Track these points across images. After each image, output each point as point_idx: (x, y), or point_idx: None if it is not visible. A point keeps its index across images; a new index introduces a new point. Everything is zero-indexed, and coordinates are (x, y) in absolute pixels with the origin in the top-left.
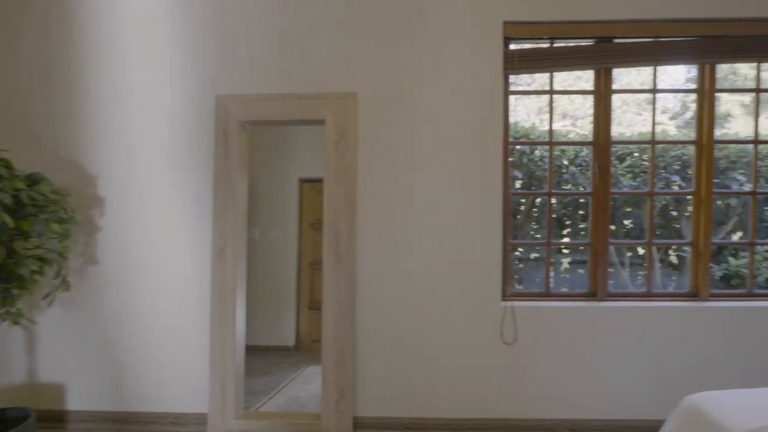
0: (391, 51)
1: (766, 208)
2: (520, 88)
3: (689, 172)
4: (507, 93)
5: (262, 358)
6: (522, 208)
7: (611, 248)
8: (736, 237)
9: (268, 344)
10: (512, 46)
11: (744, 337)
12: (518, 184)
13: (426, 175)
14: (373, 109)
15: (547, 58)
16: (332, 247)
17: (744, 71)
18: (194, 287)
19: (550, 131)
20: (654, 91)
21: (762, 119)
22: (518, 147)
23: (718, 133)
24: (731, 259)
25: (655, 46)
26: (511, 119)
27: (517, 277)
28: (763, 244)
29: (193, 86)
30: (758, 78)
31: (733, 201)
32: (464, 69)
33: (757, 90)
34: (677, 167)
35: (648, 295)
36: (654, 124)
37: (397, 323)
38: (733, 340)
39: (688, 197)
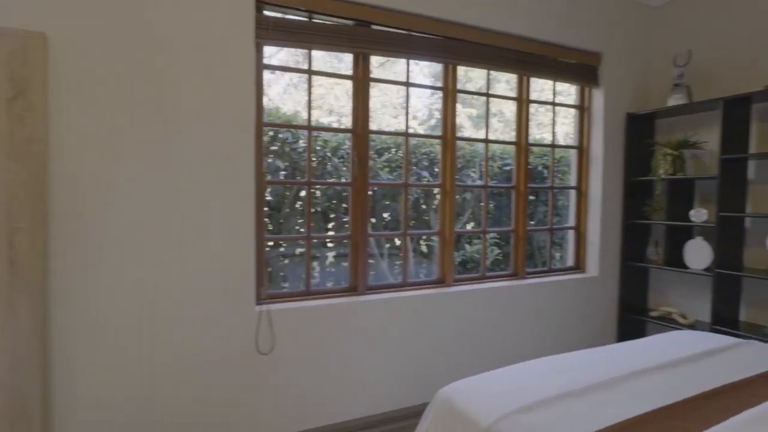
0: None
1: (491, 202)
2: (287, 77)
3: (436, 169)
4: (261, 66)
5: None
6: (286, 200)
7: (372, 240)
8: (469, 226)
9: None
10: (267, 13)
11: (483, 315)
12: (282, 175)
13: (155, 155)
14: (73, 61)
15: (304, 32)
16: (4, 255)
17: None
18: None
19: (309, 114)
20: (407, 84)
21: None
22: (281, 135)
23: (437, 141)
24: (467, 246)
25: (409, 39)
26: (275, 106)
27: (282, 274)
28: (491, 232)
29: None
30: (488, 84)
31: (468, 195)
32: (206, 27)
33: (488, 95)
34: (426, 164)
35: (404, 285)
36: (408, 119)
37: (119, 350)
38: (474, 319)
39: (435, 190)
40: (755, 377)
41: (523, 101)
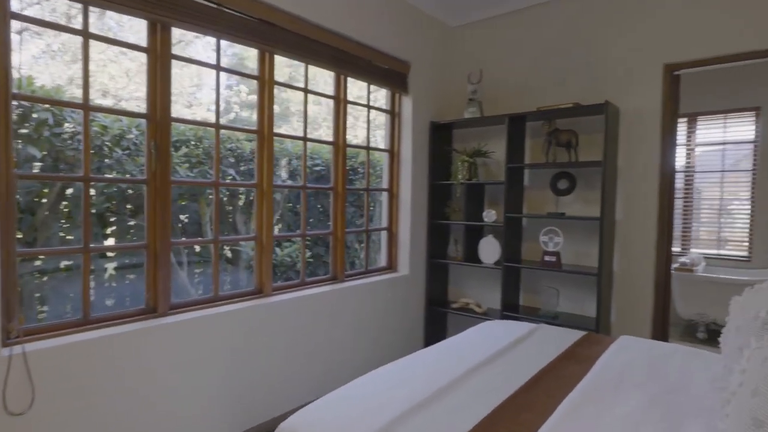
0: None
1: (300, 203)
2: (42, 42)
3: (241, 167)
4: (6, 14)
5: None
6: (45, 200)
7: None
8: (277, 229)
9: None
10: None
11: (307, 323)
12: (38, 167)
13: None
14: None
15: None
16: None
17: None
18: None
19: (86, 90)
20: (218, 68)
21: (296, 120)
22: (35, 115)
23: (243, 136)
24: (278, 250)
25: (219, 15)
26: (26, 75)
27: (39, 296)
28: (310, 236)
29: None
30: (306, 79)
31: (277, 195)
32: None
33: (306, 90)
34: (232, 161)
35: (216, 299)
36: (218, 108)
37: None
38: (299, 329)
39: (241, 190)
40: (558, 359)
41: (340, 101)
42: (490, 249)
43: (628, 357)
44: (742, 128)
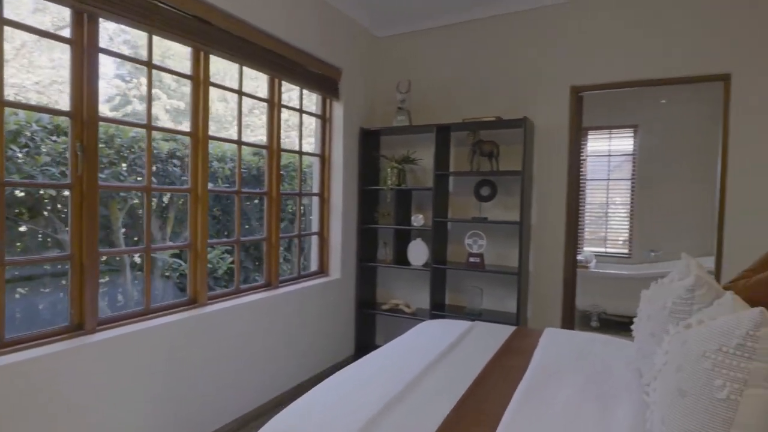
0: None
1: (217, 207)
2: None
3: (155, 167)
4: None
5: None
6: None
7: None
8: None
9: None
10: None
11: (244, 332)
12: None
13: None
14: None
15: None
16: None
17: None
18: None
19: (0, 79)
20: (151, 65)
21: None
22: None
23: (159, 135)
24: None
25: (152, 8)
26: None
27: None
28: (247, 242)
29: None
30: (241, 80)
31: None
32: None
33: (240, 93)
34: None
35: (148, 312)
36: (150, 107)
37: None
38: (236, 338)
39: (138, 192)
40: (499, 353)
41: (275, 105)
42: (418, 251)
43: (558, 347)
44: (624, 141)
